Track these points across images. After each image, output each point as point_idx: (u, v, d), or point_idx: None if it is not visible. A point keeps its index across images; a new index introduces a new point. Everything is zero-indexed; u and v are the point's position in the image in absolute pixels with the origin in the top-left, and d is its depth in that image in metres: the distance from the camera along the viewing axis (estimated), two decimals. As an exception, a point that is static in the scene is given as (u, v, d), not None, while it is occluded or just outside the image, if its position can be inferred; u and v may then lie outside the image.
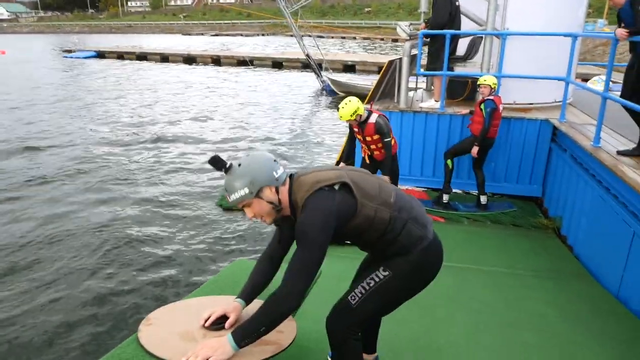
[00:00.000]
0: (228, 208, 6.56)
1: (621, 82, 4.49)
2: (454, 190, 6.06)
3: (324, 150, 10.19)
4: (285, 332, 2.04)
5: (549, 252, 4.82)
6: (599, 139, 4.63)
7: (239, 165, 1.87)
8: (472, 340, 3.07)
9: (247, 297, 2.10)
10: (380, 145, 4.85)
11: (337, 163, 7.38)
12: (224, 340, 1.80)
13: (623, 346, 3.07)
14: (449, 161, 5.75)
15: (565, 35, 5.71)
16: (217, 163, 1.87)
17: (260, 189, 1.85)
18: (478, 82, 5.54)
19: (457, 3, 6.18)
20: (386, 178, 4.78)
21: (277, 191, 1.89)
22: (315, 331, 2.76)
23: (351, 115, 4.61)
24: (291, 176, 1.96)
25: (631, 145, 4.54)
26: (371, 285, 2.01)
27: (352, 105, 4.60)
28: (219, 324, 2.01)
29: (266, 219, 1.92)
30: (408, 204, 2.03)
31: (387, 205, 1.95)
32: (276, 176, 1.88)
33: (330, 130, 12.10)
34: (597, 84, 8.97)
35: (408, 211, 1.99)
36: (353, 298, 2.03)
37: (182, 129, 12.10)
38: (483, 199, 5.81)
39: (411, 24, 7.08)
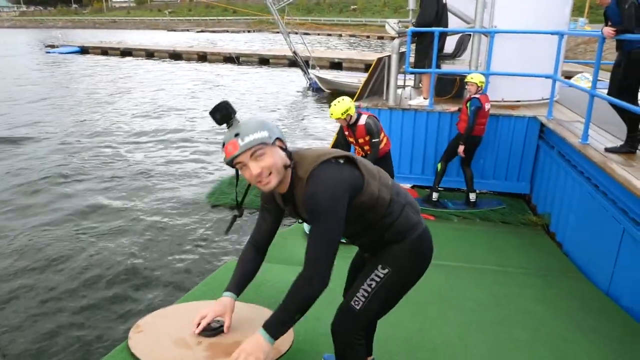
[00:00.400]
0: (216, 205, 6.49)
1: (605, 79, 4.53)
2: (443, 187, 6.05)
3: (310, 145, 10.14)
4: (282, 338, 1.99)
5: (538, 249, 4.85)
6: (587, 136, 4.66)
7: (237, 121, 1.73)
8: (465, 339, 3.06)
9: (237, 287, 2.02)
10: None
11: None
12: (259, 339, 1.72)
13: (614, 343, 3.09)
14: (439, 165, 5.75)
15: (552, 33, 5.74)
16: (226, 109, 1.69)
17: (277, 138, 1.72)
18: (465, 80, 5.55)
19: (444, 1, 6.17)
20: None
21: (285, 150, 1.76)
22: (310, 331, 2.73)
23: (342, 114, 4.57)
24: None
25: (618, 143, 4.58)
26: (373, 286, 1.94)
27: (344, 104, 4.56)
28: (211, 329, 1.95)
29: (274, 177, 1.72)
30: (403, 190, 2.01)
31: (387, 186, 1.89)
32: (279, 135, 1.77)
33: (318, 128, 12.06)
34: (580, 81, 9.07)
35: (404, 196, 1.96)
36: (357, 303, 1.95)
37: (164, 125, 11.94)
38: (472, 197, 5.82)
39: (400, 21, 7.06)
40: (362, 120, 4.66)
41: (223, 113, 1.68)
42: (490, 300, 3.67)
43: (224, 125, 1.73)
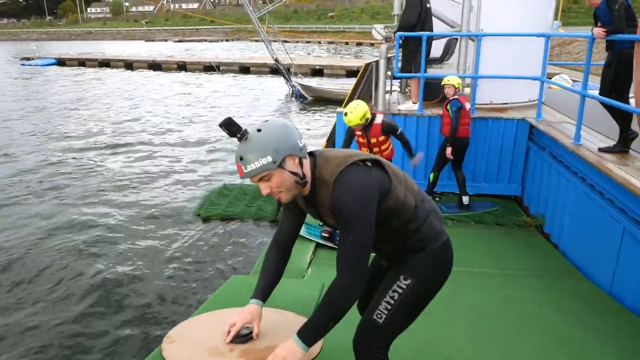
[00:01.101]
0: (206, 218, 6.36)
1: (579, 80, 4.58)
2: (436, 192, 6.04)
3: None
4: None
5: (535, 250, 4.85)
6: (580, 136, 4.69)
7: (258, 130, 1.67)
8: (477, 345, 3.02)
9: (262, 294, 1.99)
10: (384, 147, 4.81)
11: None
12: (294, 346, 1.69)
13: (626, 344, 3.07)
14: (431, 175, 5.73)
15: (539, 35, 5.80)
16: (230, 127, 1.65)
17: (283, 159, 1.64)
18: (442, 83, 5.58)
19: (427, 5, 6.19)
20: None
21: (300, 163, 1.68)
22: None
23: (360, 119, 4.54)
24: (311, 153, 1.78)
25: (610, 142, 4.62)
26: (396, 298, 1.86)
27: (361, 109, 4.54)
28: (240, 336, 1.96)
29: (284, 194, 1.70)
30: (428, 197, 1.95)
31: (412, 192, 1.84)
32: (300, 145, 1.69)
33: (304, 135, 12.00)
34: (560, 82, 9.22)
35: (429, 203, 1.91)
36: (379, 316, 1.87)
37: (146, 137, 11.75)
38: (465, 200, 5.82)
39: (386, 26, 7.07)
40: (379, 119, 4.66)
41: (229, 132, 1.66)
42: (496, 304, 3.64)
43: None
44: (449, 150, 5.48)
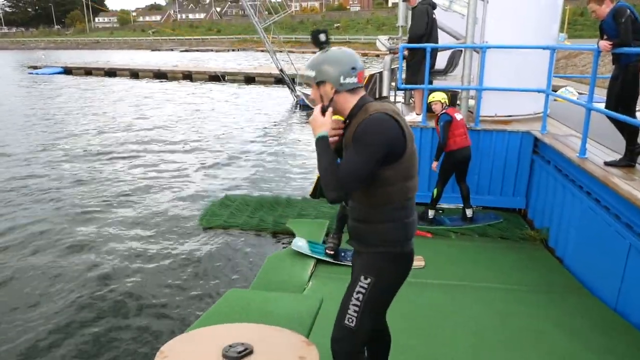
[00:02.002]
0: (208, 228, 6.32)
1: (584, 92, 4.54)
2: (439, 206, 5.98)
3: (299, 164, 10.06)
4: (308, 358, 2.01)
5: (539, 264, 4.77)
6: (585, 150, 4.63)
7: (326, 50, 2.02)
8: (478, 363, 2.94)
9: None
10: None
11: (317, 180, 7.25)
12: (322, 129, 1.98)
13: (630, 363, 3.00)
14: (435, 190, 5.66)
15: (545, 48, 5.77)
16: (317, 39, 2.00)
17: (323, 81, 2.00)
18: (428, 101, 5.60)
19: (433, 16, 6.18)
20: None
21: (336, 92, 2.00)
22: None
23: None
24: (365, 98, 2.05)
25: (615, 156, 4.56)
26: (360, 299, 2.02)
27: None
28: (239, 352, 2.00)
29: (317, 105, 2.05)
30: (414, 211, 2.10)
31: (412, 189, 2.02)
32: (341, 81, 1.99)
33: (307, 145, 11.98)
34: (565, 95, 9.16)
35: (414, 216, 2.07)
36: (350, 320, 2.02)
37: (149, 146, 11.76)
38: (469, 212, 5.76)
39: (390, 37, 7.06)
40: None
41: (315, 42, 2.02)
42: (498, 319, 3.56)
43: None
44: (434, 164, 5.49)
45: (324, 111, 2.02)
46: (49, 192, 8.06)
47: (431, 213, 5.79)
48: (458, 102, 6.45)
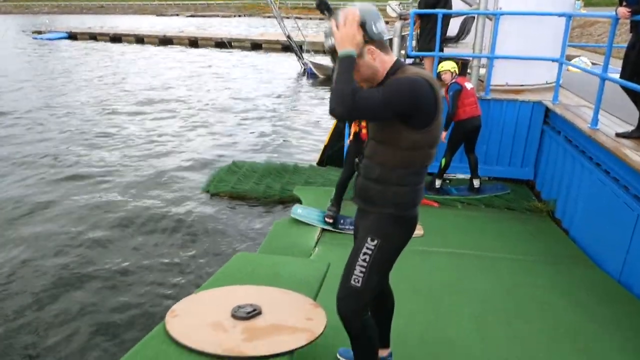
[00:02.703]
0: (215, 194, 6.35)
1: (600, 64, 4.43)
2: (447, 176, 5.96)
3: (307, 131, 10.02)
4: (315, 320, 2.02)
5: (545, 235, 4.78)
6: (597, 121, 4.56)
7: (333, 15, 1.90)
8: (481, 331, 2.99)
9: None
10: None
11: (324, 149, 7.23)
12: (351, 46, 1.83)
13: (633, 334, 3.02)
14: (443, 160, 5.62)
15: (560, 14, 5.61)
16: (323, 5, 1.99)
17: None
18: (437, 70, 5.49)
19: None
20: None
21: (368, 44, 1.89)
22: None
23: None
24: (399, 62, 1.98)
25: (629, 127, 4.49)
26: (367, 260, 2.03)
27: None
28: (248, 312, 2.01)
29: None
30: (424, 176, 2.10)
31: (429, 157, 1.99)
32: (374, 29, 1.88)
33: (313, 114, 11.90)
34: (579, 65, 8.97)
35: (423, 179, 2.06)
36: (357, 280, 2.04)
37: (157, 112, 11.73)
38: (476, 183, 5.73)
39: (401, 3, 6.89)
40: None
41: (321, 9, 2.06)
42: (503, 290, 3.59)
43: None
44: (443, 134, 5.41)
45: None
46: (53, 154, 8.11)
47: (438, 183, 5.78)
48: (469, 70, 6.33)
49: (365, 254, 2.03)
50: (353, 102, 1.78)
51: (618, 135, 4.32)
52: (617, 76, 4.39)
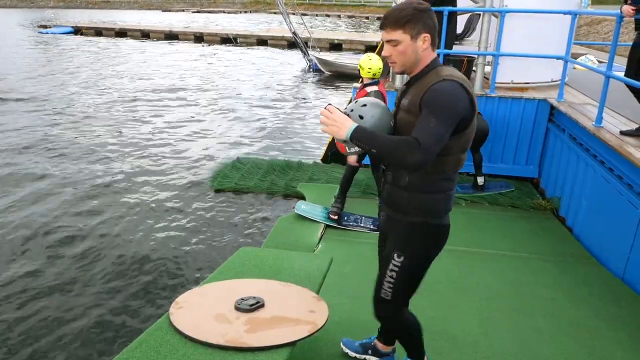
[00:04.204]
0: (219, 190, 6.39)
1: (606, 61, 4.42)
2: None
3: (311, 128, 10.03)
4: (317, 312, 2.06)
5: (550, 233, 4.78)
6: (601, 119, 4.56)
7: (361, 117, 1.89)
8: (485, 327, 3.01)
9: None
10: None
11: (329, 146, 7.24)
12: (348, 121, 1.82)
13: (635, 331, 3.03)
14: None
15: (566, 12, 5.60)
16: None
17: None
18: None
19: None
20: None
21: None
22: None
23: (378, 69, 4.44)
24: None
25: (633, 126, 4.48)
26: (394, 276, 2.05)
27: (380, 63, 4.43)
28: (251, 305, 2.04)
29: (397, 65, 1.95)
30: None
31: (460, 163, 1.96)
32: (392, 125, 1.97)
33: (318, 110, 11.90)
34: (585, 63, 8.94)
35: (455, 184, 2.03)
36: (386, 294, 2.08)
37: (162, 108, 11.76)
38: (480, 180, 5.74)
39: (407, 0, 6.87)
40: (370, 88, 4.45)
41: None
42: (506, 287, 3.61)
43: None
44: None
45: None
46: (57, 149, 8.16)
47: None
48: (474, 68, 6.33)
49: (392, 270, 2.04)
50: (419, 144, 1.72)
51: (622, 133, 4.31)
52: (622, 74, 4.38)
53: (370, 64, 4.46)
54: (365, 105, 1.91)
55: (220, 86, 14.88)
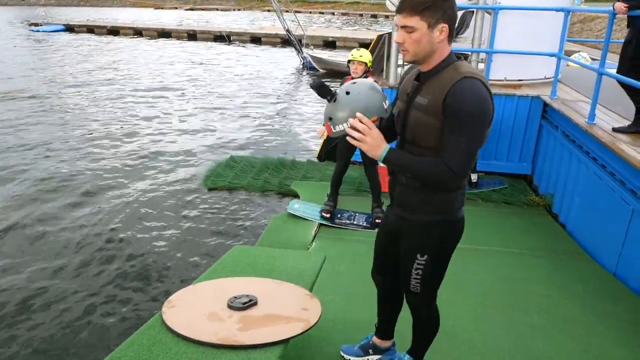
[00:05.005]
0: (213, 189, 6.36)
1: (599, 59, 4.44)
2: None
3: (305, 126, 10.01)
4: (310, 310, 2.06)
5: (543, 230, 4.80)
6: (594, 116, 4.58)
7: (347, 93, 1.82)
8: (479, 323, 3.02)
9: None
10: None
11: (323, 144, 7.24)
12: (383, 142, 1.79)
13: (628, 327, 3.05)
14: None
15: (559, 9, 5.61)
16: (322, 90, 1.82)
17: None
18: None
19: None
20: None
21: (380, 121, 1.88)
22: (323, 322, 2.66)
23: (368, 61, 4.46)
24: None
25: (625, 123, 4.50)
26: (421, 274, 2.09)
27: (368, 54, 4.47)
28: (244, 303, 2.04)
29: (410, 50, 1.82)
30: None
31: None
32: (385, 107, 1.87)
33: (312, 108, 11.89)
34: (578, 60, 8.98)
35: (467, 180, 2.03)
36: (415, 288, 2.14)
37: (155, 108, 11.70)
38: (474, 177, 5.75)
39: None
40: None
41: (320, 94, 1.85)
42: (500, 283, 3.62)
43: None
44: None
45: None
46: (50, 150, 8.10)
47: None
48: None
49: (417, 269, 2.07)
50: (453, 172, 1.73)
51: (615, 130, 4.34)
52: (614, 71, 4.40)
53: (361, 51, 4.52)
54: (355, 82, 1.88)
55: (213, 84, 14.81)
